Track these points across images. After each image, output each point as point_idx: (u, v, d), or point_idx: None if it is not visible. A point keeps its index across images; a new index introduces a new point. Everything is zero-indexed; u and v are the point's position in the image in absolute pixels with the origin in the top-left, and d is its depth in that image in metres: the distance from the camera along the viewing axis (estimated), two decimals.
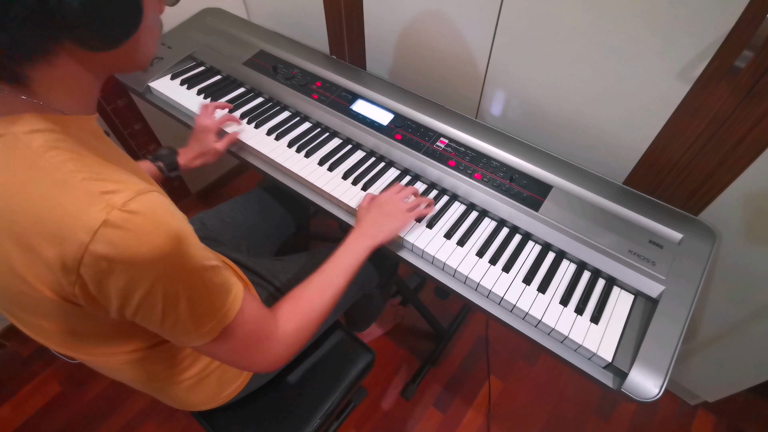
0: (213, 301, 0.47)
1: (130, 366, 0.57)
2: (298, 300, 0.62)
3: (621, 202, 0.82)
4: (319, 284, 0.65)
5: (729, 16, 0.66)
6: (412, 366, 1.37)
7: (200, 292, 0.46)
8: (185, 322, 0.46)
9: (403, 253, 0.81)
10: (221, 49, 1.18)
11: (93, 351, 0.53)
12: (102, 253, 0.38)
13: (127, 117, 1.40)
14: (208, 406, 0.74)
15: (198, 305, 0.46)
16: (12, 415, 1.28)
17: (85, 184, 0.39)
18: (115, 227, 0.38)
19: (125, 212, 0.39)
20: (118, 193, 0.40)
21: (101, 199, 0.39)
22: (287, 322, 0.58)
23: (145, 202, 0.41)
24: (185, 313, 0.45)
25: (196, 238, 0.46)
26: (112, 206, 0.39)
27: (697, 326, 1.06)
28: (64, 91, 0.44)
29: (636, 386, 0.63)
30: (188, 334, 0.47)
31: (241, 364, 0.56)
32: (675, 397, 1.29)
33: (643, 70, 0.79)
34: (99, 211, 0.38)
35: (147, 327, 0.46)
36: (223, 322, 0.48)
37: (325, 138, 1.00)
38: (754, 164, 0.76)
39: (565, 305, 0.72)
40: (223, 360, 0.54)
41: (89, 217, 0.38)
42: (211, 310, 0.47)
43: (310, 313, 0.61)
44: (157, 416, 1.27)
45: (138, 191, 0.41)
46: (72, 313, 0.45)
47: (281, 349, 0.57)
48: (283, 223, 1.07)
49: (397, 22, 1.11)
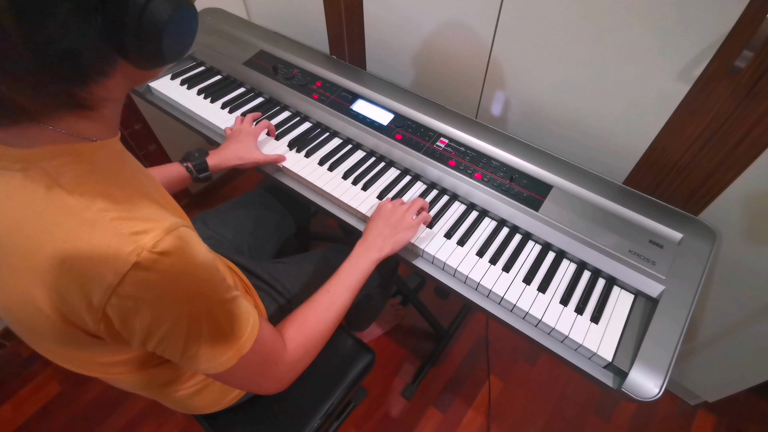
0: (234, 331, 0.48)
1: (134, 377, 0.57)
2: (303, 321, 0.61)
3: (621, 202, 0.82)
4: (325, 303, 0.64)
5: (729, 16, 0.66)
6: (412, 366, 1.37)
7: (222, 325, 0.46)
8: (206, 353, 0.46)
9: (403, 253, 0.81)
10: (221, 49, 1.18)
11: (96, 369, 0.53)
12: (130, 294, 0.38)
13: (127, 117, 1.40)
14: (211, 410, 0.74)
15: (220, 337, 0.46)
16: (12, 415, 1.27)
17: (114, 225, 0.39)
18: (145, 269, 0.38)
19: (155, 254, 0.39)
20: (147, 234, 0.39)
21: (131, 241, 0.38)
22: (295, 345, 0.58)
23: (174, 241, 0.40)
24: (207, 345, 0.46)
25: (219, 271, 0.46)
26: (143, 248, 0.38)
27: (697, 326, 1.06)
28: (108, 113, 0.43)
29: (636, 386, 0.63)
30: (207, 363, 0.47)
31: (251, 388, 0.57)
32: (675, 397, 1.29)
33: (643, 70, 0.79)
34: (129, 253, 0.38)
35: (167, 357, 0.47)
36: (240, 351, 0.49)
37: (326, 138, 1.00)
38: (754, 164, 0.76)
39: (565, 305, 0.72)
40: (234, 385, 0.54)
41: (119, 260, 0.38)
42: (232, 340, 0.48)
43: (317, 335, 0.61)
44: (157, 416, 1.27)
45: (167, 229, 0.40)
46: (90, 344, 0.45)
47: (289, 372, 0.58)
48: (284, 223, 1.07)
49: (397, 22, 1.11)
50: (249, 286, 0.81)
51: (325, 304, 0.64)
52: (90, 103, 0.40)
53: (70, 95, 0.38)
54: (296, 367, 0.59)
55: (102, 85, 0.39)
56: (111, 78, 0.40)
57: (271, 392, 0.57)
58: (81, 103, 0.39)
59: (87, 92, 0.39)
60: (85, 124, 0.41)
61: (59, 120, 0.39)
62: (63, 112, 0.39)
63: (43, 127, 0.39)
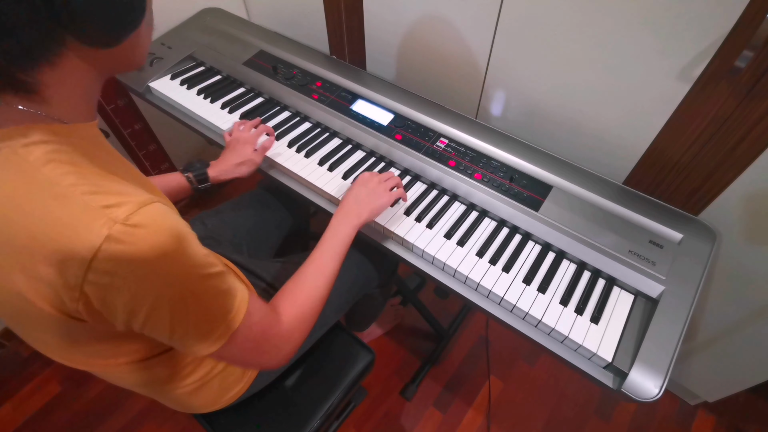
0: (220, 307, 0.47)
1: (131, 373, 0.56)
2: (294, 293, 0.62)
3: (621, 202, 0.82)
4: (313, 273, 0.65)
5: (729, 16, 0.66)
6: (412, 366, 1.37)
7: (207, 300, 0.46)
8: (194, 331, 0.46)
9: (403, 253, 0.81)
10: (221, 49, 1.18)
11: (95, 362, 0.52)
12: (105, 269, 0.38)
13: (127, 117, 1.40)
14: (211, 408, 0.74)
15: (206, 313, 0.46)
16: (12, 415, 1.27)
17: (85, 198, 0.38)
18: (118, 242, 0.37)
19: (128, 226, 0.38)
20: (120, 207, 0.39)
21: (102, 214, 0.38)
22: (289, 317, 0.58)
23: (147, 214, 0.40)
24: (194, 322, 0.45)
25: (199, 245, 0.46)
26: (114, 220, 0.38)
27: (697, 326, 1.06)
28: (67, 97, 0.43)
29: (636, 386, 0.63)
30: (198, 343, 0.47)
31: (252, 364, 0.57)
32: (675, 397, 1.29)
33: (643, 70, 0.79)
34: (101, 226, 0.37)
35: (156, 338, 0.46)
36: (231, 327, 0.48)
37: (325, 138, 1.00)
38: (754, 164, 0.76)
39: (565, 305, 0.72)
40: (234, 362, 0.54)
41: (91, 234, 0.37)
42: (219, 316, 0.47)
43: (309, 304, 0.62)
44: (157, 416, 1.27)
45: (140, 203, 0.40)
46: (74, 328, 0.44)
47: (287, 344, 0.58)
48: (283, 223, 1.07)
49: (398, 22, 1.11)
50: (248, 285, 0.81)
51: (314, 274, 0.65)
52: (36, 87, 0.40)
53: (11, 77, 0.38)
54: (293, 338, 0.58)
55: (56, 67, 0.39)
56: (63, 58, 0.40)
57: (273, 366, 0.57)
58: (25, 87, 0.39)
59: (33, 75, 0.39)
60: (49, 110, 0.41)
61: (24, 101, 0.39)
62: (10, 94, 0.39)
63: (13, 107, 0.39)
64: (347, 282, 0.91)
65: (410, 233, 0.81)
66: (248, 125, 0.96)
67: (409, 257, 0.81)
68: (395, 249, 0.82)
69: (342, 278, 0.90)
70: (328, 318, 0.89)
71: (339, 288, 0.89)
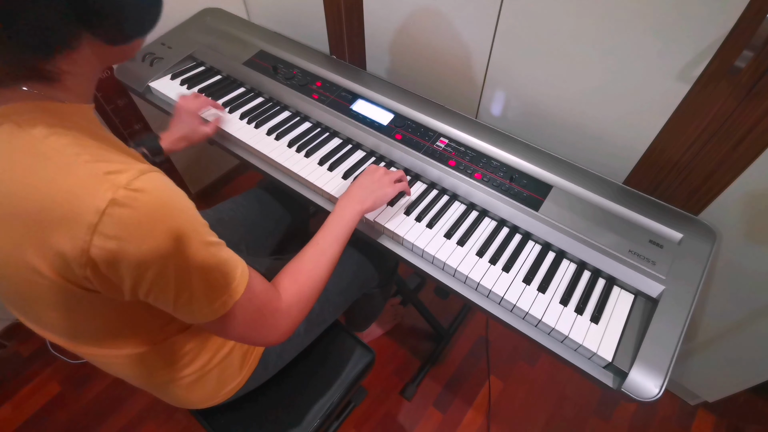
0: (223, 274, 0.48)
1: (130, 362, 0.57)
2: (296, 272, 0.63)
3: (621, 202, 0.82)
4: (314, 255, 0.66)
5: (729, 16, 0.66)
6: (412, 366, 1.37)
7: (210, 266, 0.47)
8: (199, 297, 0.46)
9: (403, 253, 0.81)
10: (221, 49, 1.18)
11: (95, 347, 0.53)
12: (111, 233, 0.39)
13: (127, 117, 1.40)
14: (208, 404, 0.74)
15: (210, 279, 0.47)
16: (12, 415, 1.28)
17: (88, 166, 0.40)
18: (122, 206, 0.39)
19: (131, 191, 0.39)
20: (122, 173, 0.40)
21: (106, 179, 0.39)
22: (290, 295, 0.59)
23: (149, 180, 0.41)
24: (198, 288, 0.46)
25: (199, 214, 0.47)
26: (118, 186, 0.39)
27: (697, 326, 1.06)
28: (75, 83, 0.45)
29: (636, 386, 0.63)
30: (201, 309, 0.47)
31: (251, 339, 0.57)
32: (675, 397, 1.29)
33: (643, 70, 0.79)
34: (105, 190, 0.38)
35: (161, 306, 0.47)
36: (234, 296, 0.49)
37: (325, 138, 1.00)
38: (754, 164, 0.76)
39: (565, 305, 0.72)
40: (234, 336, 0.55)
41: (96, 198, 0.38)
42: (223, 283, 0.48)
43: (310, 284, 0.63)
44: (157, 416, 1.27)
45: (141, 170, 0.41)
46: (82, 300, 0.45)
47: (287, 321, 0.58)
48: (283, 222, 1.07)
49: (398, 21, 1.11)
50: None
51: (316, 255, 0.66)
52: (54, 75, 0.42)
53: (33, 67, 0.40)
54: (292, 315, 0.59)
55: (68, 58, 0.42)
56: (77, 51, 0.42)
57: (272, 342, 0.58)
58: (45, 75, 0.41)
59: (51, 64, 0.41)
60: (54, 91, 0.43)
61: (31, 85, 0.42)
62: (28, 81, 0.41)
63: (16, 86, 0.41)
64: (347, 281, 0.91)
65: (410, 233, 0.81)
66: (190, 96, 1.00)
67: (409, 257, 0.81)
68: (395, 248, 0.82)
69: (342, 277, 0.90)
70: (327, 316, 0.89)
71: (339, 286, 0.89)
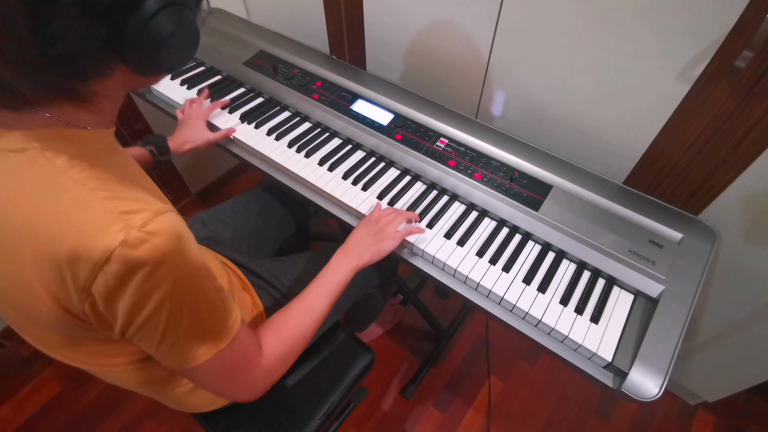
0: (214, 321, 0.48)
1: (130, 373, 0.57)
2: (280, 327, 0.61)
3: (621, 202, 0.82)
4: (301, 309, 0.64)
5: (729, 16, 0.66)
6: (412, 366, 1.37)
7: (203, 312, 0.46)
8: (182, 344, 0.46)
9: (403, 253, 0.81)
10: (221, 49, 1.18)
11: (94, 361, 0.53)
12: (115, 272, 0.39)
13: (127, 117, 1.40)
14: (209, 408, 0.74)
15: (199, 325, 0.46)
16: (12, 415, 1.27)
17: (105, 204, 0.40)
18: (132, 247, 0.39)
19: (144, 233, 0.39)
20: (137, 213, 0.40)
21: (121, 219, 0.39)
22: (270, 351, 0.57)
23: (162, 222, 0.41)
24: (185, 332, 0.45)
25: (205, 260, 0.46)
26: (132, 227, 0.39)
27: (697, 326, 1.06)
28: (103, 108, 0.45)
29: (636, 386, 0.63)
30: (182, 354, 0.47)
31: (223, 392, 0.56)
32: (675, 397, 1.29)
33: (643, 70, 0.79)
34: (118, 231, 0.38)
35: (143, 347, 0.47)
36: (218, 345, 0.48)
37: (325, 138, 1.00)
38: (754, 164, 0.76)
39: (565, 305, 0.72)
40: (206, 386, 0.53)
41: (107, 237, 0.38)
42: (211, 330, 0.48)
43: (293, 341, 0.61)
44: (157, 416, 1.27)
45: (156, 211, 0.41)
46: (77, 329, 0.45)
47: (264, 379, 0.57)
48: (283, 223, 1.07)
49: (398, 22, 1.11)
50: (246, 284, 0.81)
51: (303, 309, 0.64)
52: (87, 96, 0.42)
53: (69, 88, 0.40)
54: (271, 374, 0.58)
55: (100, 83, 0.42)
56: (109, 78, 0.42)
57: (244, 399, 0.56)
58: (79, 96, 0.41)
59: (85, 87, 0.41)
60: (80, 114, 0.43)
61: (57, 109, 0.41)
62: (61, 102, 0.41)
63: (40, 113, 0.41)
64: None
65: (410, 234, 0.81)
66: (198, 101, 1.02)
67: (409, 257, 0.81)
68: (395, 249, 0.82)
69: None
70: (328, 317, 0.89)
71: None
